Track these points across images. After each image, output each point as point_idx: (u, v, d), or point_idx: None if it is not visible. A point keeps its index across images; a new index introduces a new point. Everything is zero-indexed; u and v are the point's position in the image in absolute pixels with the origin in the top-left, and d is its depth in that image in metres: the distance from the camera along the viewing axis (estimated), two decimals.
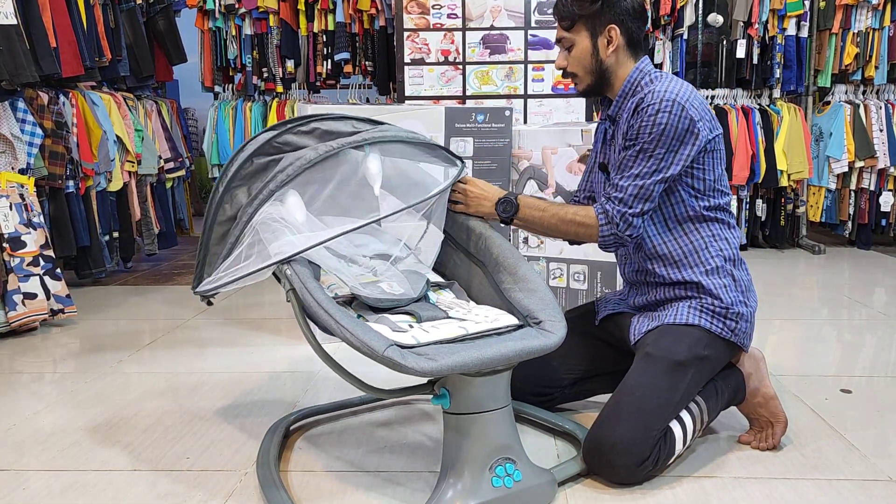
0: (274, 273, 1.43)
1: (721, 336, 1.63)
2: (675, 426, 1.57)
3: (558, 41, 1.70)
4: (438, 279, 1.73)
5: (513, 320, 1.46)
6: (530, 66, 3.76)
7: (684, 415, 1.60)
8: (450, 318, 1.48)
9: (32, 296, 2.84)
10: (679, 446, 1.58)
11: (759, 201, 4.64)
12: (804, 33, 4.53)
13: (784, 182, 4.54)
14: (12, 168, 3.07)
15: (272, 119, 4.53)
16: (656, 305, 1.71)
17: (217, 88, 4.73)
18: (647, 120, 1.55)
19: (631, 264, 1.76)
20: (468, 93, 3.76)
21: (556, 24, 1.69)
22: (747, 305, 1.66)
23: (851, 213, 4.64)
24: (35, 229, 2.94)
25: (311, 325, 1.40)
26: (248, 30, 4.58)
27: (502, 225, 1.73)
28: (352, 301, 1.55)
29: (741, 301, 1.65)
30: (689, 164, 1.60)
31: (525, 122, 3.73)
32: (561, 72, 1.73)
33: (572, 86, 1.76)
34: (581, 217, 1.62)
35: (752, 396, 1.73)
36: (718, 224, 1.66)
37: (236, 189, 1.55)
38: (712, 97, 4.64)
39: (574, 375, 1.86)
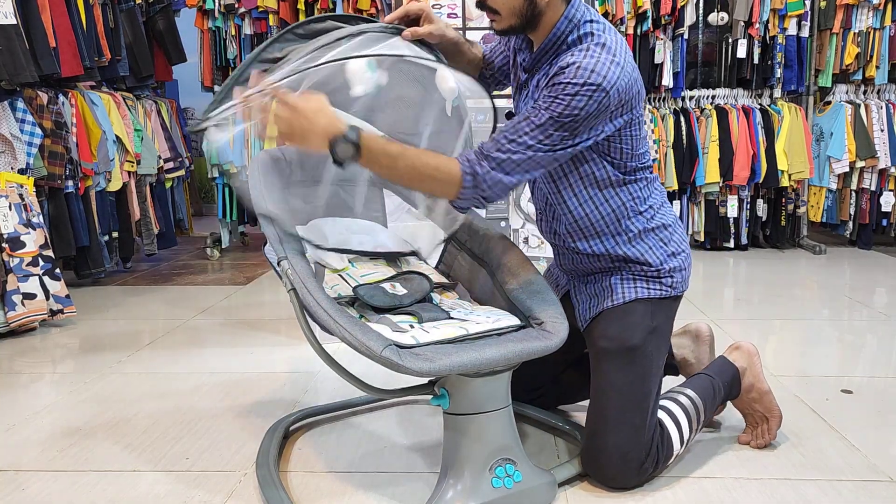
0: (276, 270, 1.43)
1: (662, 297, 1.58)
2: (670, 426, 1.57)
3: None
4: (442, 280, 1.73)
5: (514, 321, 1.46)
6: None
7: (680, 415, 1.59)
8: (451, 318, 1.48)
9: (32, 296, 2.83)
10: (677, 445, 1.58)
11: (759, 201, 4.64)
12: (805, 33, 4.52)
13: (785, 182, 4.54)
14: (12, 168, 3.07)
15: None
16: (585, 274, 1.64)
17: (217, 88, 4.73)
18: (562, 96, 1.33)
19: (548, 226, 1.65)
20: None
21: None
22: (676, 255, 1.58)
23: (852, 213, 4.63)
24: (34, 229, 2.93)
25: (312, 324, 1.39)
26: (247, 29, 4.57)
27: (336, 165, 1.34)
28: (355, 301, 1.55)
29: (669, 254, 1.58)
30: (605, 140, 1.46)
31: None
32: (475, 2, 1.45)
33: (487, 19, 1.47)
34: (443, 173, 1.37)
35: (747, 392, 1.73)
36: (637, 185, 1.54)
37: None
38: (713, 97, 4.64)
39: (558, 364, 1.81)
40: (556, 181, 1.56)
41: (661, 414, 1.58)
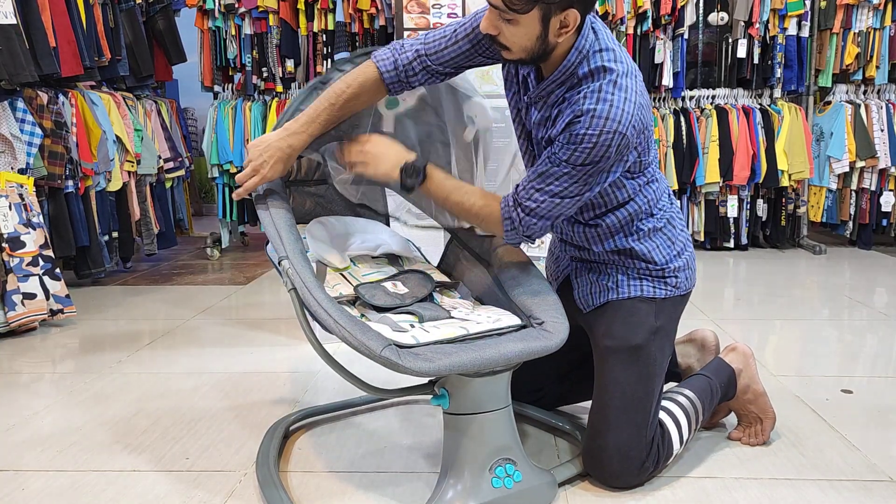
0: (277, 269, 1.43)
1: (666, 297, 1.58)
2: (670, 426, 1.57)
3: (494, 6, 1.33)
4: (444, 279, 1.73)
5: (515, 320, 1.45)
6: None
7: (679, 415, 1.60)
8: (452, 318, 1.48)
9: (32, 296, 2.83)
10: (676, 445, 1.58)
11: (759, 201, 4.64)
12: (805, 33, 4.52)
13: (785, 182, 4.54)
14: (12, 168, 3.07)
15: (272, 119, 4.52)
16: (588, 261, 1.64)
17: (217, 88, 4.73)
18: (582, 147, 1.35)
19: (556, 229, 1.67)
20: None
21: None
22: (680, 255, 1.59)
23: (852, 213, 4.63)
24: (34, 229, 2.93)
25: (313, 324, 1.39)
26: (247, 29, 4.57)
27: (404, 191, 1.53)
28: (356, 300, 1.55)
29: (674, 255, 1.58)
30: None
31: None
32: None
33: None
34: (485, 214, 1.49)
35: (743, 393, 1.73)
36: (649, 187, 1.55)
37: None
38: (713, 97, 4.64)
39: (560, 364, 1.80)
40: (581, 210, 1.56)
41: (661, 414, 1.58)
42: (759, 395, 1.73)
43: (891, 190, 4.57)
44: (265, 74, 4.61)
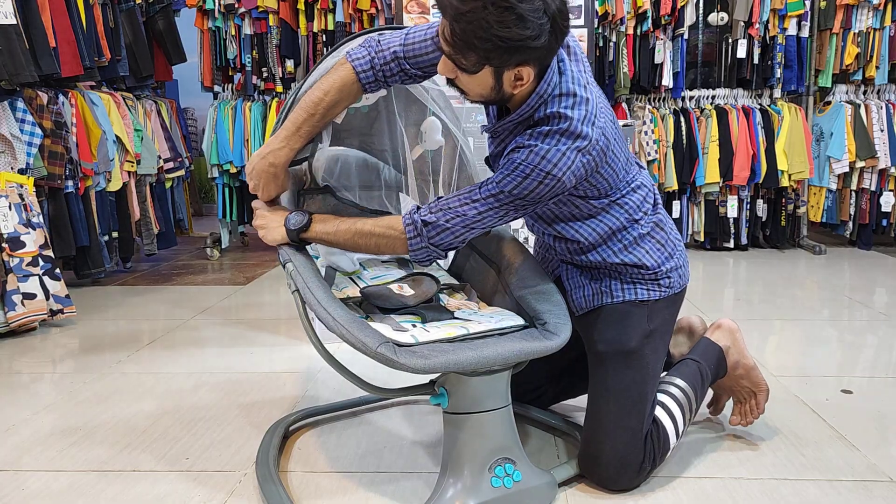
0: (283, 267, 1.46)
1: (660, 298, 1.56)
2: (665, 420, 1.57)
3: (448, 55, 1.30)
4: (451, 281, 1.73)
5: (519, 321, 1.45)
6: None
7: (673, 407, 1.59)
8: (455, 318, 1.48)
9: (31, 296, 2.83)
10: (673, 439, 1.58)
11: (759, 201, 4.64)
12: (805, 33, 4.53)
13: (785, 182, 4.54)
14: (11, 168, 3.07)
15: (272, 119, 4.52)
16: (581, 266, 1.62)
17: (217, 88, 4.73)
18: (513, 175, 1.33)
19: (539, 232, 1.64)
20: None
21: (443, 40, 1.27)
22: (672, 256, 1.57)
23: (852, 213, 4.64)
24: (34, 229, 2.93)
25: (317, 326, 1.40)
26: (247, 29, 4.57)
27: (293, 243, 1.48)
28: (362, 303, 1.55)
29: (666, 256, 1.56)
30: (580, 189, 1.44)
31: None
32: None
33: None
34: (382, 228, 1.43)
35: (734, 369, 1.73)
36: (627, 197, 1.51)
37: None
38: (713, 97, 4.64)
39: (559, 363, 1.79)
40: (547, 222, 1.54)
41: (655, 409, 1.58)
42: (750, 368, 1.72)
43: (891, 190, 4.57)
44: (265, 74, 4.61)
